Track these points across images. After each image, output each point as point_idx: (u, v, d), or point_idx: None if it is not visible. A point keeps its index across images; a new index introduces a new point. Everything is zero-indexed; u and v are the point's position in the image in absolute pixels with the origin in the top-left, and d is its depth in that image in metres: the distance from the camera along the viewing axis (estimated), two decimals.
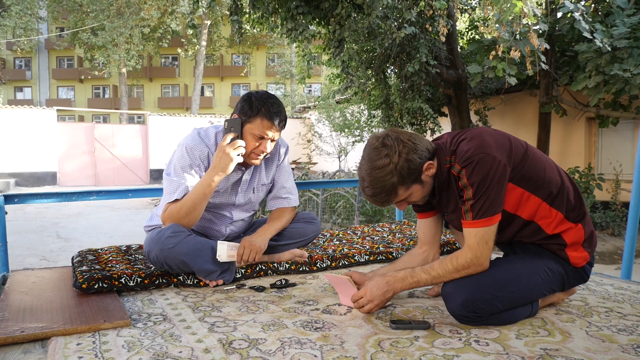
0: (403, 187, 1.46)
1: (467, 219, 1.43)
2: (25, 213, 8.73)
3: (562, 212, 1.48)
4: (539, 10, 4.83)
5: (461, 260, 1.43)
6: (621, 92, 5.25)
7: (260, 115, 1.84)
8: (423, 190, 1.51)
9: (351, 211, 6.55)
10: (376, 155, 1.44)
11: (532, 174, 1.46)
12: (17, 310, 1.53)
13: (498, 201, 1.41)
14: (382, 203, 1.50)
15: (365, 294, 1.51)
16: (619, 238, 5.93)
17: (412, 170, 1.44)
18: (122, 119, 22.19)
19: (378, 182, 1.44)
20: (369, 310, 1.53)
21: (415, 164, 1.44)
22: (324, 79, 19.19)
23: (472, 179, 1.39)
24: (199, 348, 1.28)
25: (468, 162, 1.40)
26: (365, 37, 6.42)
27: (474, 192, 1.40)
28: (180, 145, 1.92)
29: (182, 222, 1.85)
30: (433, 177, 1.51)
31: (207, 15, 21.88)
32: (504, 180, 1.40)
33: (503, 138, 1.47)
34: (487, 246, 1.42)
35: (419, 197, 1.53)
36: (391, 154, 1.42)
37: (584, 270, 1.55)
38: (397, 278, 1.50)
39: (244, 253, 1.86)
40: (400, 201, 1.52)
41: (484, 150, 1.40)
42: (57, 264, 4.70)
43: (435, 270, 1.46)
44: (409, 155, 1.43)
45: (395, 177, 1.43)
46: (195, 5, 6.88)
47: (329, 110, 12.10)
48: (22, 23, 19.25)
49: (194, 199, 1.84)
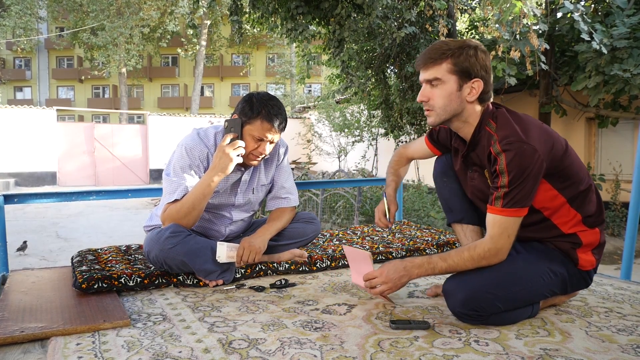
0: (450, 67, 1.43)
1: (496, 206, 1.41)
2: (25, 213, 8.72)
3: (580, 214, 1.48)
4: (539, 10, 4.83)
5: (479, 249, 1.42)
6: (621, 92, 5.25)
7: (260, 117, 1.84)
8: (451, 98, 1.46)
9: (351, 211, 6.55)
10: (460, 40, 1.48)
11: (565, 174, 1.45)
12: (16, 310, 1.53)
13: (530, 195, 1.40)
14: (426, 61, 1.46)
15: (381, 275, 1.48)
16: (618, 238, 5.93)
17: (468, 67, 1.43)
18: (122, 119, 22.17)
19: (441, 43, 1.46)
20: (380, 292, 1.50)
21: (475, 67, 1.43)
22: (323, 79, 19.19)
23: (510, 167, 1.37)
24: (198, 348, 1.28)
25: (510, 148, 1.37)
26: (365, 37, 6.42)
27: (509, 180, 1.37)
28: (180, 146, 1.92)
29: (181, 223, 1.85)
30: (466, 109, 1.48)
31: (207, 15, 21.87)
32: (539, 175, 1.39)
33: (546, 134, 1.45)
34: (508, 239, 1.42)
35: (441, 102, 1.47)
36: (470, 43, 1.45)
37: (588, 274, 1.54)
38: (414, 264, 1.48)
39: (244, 254, 1.86)
40: (432, 80, 1.47)
41: (529, 141, 1.38)
42: (56, 264, 4.71)
43: (452, 259, 1.45)
44: (480, 59, 1.44)
45: (455, 54, 1.43)
46: (195, 5, 6.89)
47: (329, 110, 12.09)
48: (22, 23, 19.24)
49: (194, 199, 1.84)
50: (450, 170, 1.74)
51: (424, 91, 1.50)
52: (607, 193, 6.62)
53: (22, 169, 14.86)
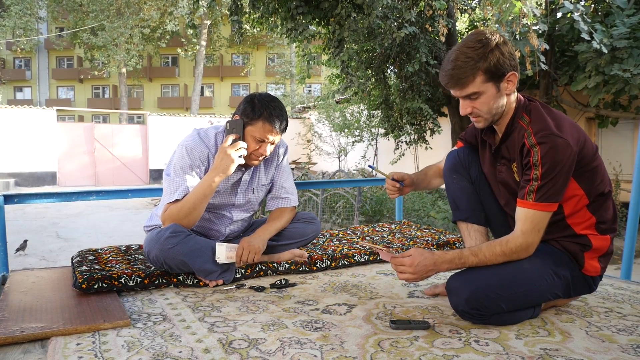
0: (483, 76, 1.41)
1: (529, 199, 1.40)
2: (24, 213, 8.72)
3: (595, 218, 1.48)
4: (539, 10, 4.83)
5: (512, 244, 1.42)
6: (621, 92, 5.25)
7: (262, 118, 1.85)
8: (495, 100, 1.45)
9: (351, 211, 6.55)
10: (474, 37, 1.43)
11: (593, 174, 1.45)
12: (16, 310, 1.53)
13: (562, 190, 1.39)
14: (456, 81, 1.43)
15: (411, 265, 1.44)
16: (618, 238, 5.93)
17: (499, 67, 1.41)
18: (122, 119, 22.18)
19: (463, 57, 1.40)
20: (406, 279, 1.47)
21: (504, 64, 1.41)
22: (323, 79, 19.19)
23: (545, 159, 1.36)
24: (198, 348, 1.28)
25: (545, 140, 1.37)
26: (365, 37, 6.42)
27: (542, 173, 1.37)
28: (180, 146, 1.93)
29: (182, 223, 1.85)
30: (507, 102, 1.47)
31: (207, 15, 21.88)
32: (571, 171, 1.39)
33: (579, 133, 1.44)
34: (538, 234, 1.42)
35: (486, 108, 1.45)
36: (490, 40, 1.41)
37: (593, 280, 1.54)
38: (445, 259, 1.45)
39: (243, 254, 1.86)
40: (470, 95, 1.45)
41: (564, 135, 1.37)
42: (56, 264, 4.70)
43: (483, 253, 1.44)
44: (504, 53, 1.41)
45: (481, 62, 1.40)
46: (195, 5, 6.89)
47: (329, 110, 12.09)
48: (22, 23, 19.24)
49: (195, 200, 1.84)
50: (460, 167, 1.72)
51: (465, 105, 1.48)
52: None
53: (22, 169, 14.87)
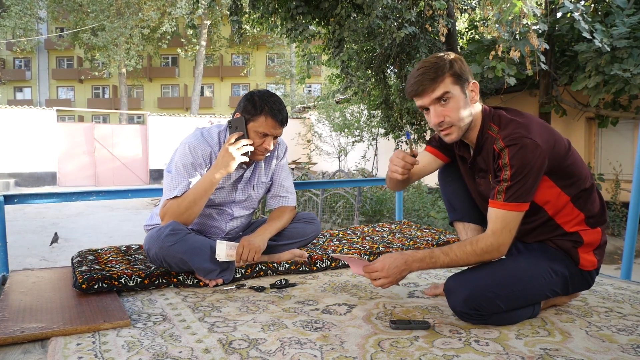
0: (451, 78, 1.45)
1: (498, 200, 1.42)
2: (25, 213, 8.72)
3: (584, 213, 1.49)
4: (539, 10, 4.83)
5: (482, 244, 1.42)
6: (621, 92, 5.25)
7: (263, 113, 1.87)
8: (463, 106, 1.47)
9: (351, 211, 6.54)
10: (432, 56, 1.51)
11: (568, 173, 1.46)
12: (17, 311, 1.53)
13: (532, 190, 1.41)
14: (427, 84, 1.45)
15: (382, 269, 1.46)
16: (618, 238, 5.93)
17: (462, 71, 1.47)
18: (122, 119, 22.17)
19: (429, 64, 1.47)
20: (381, 285, 1.48)
21: (465, 71, 1.48)
22: (323, 79, 19.18)
23: (513, 160, 1.38)
24: (198, 348, 1.28)
25: (513, 143, 1.39)
26: (365, 37, 6.43)
27: (512, 174, 1.39)
28: (183, 144, 1.94)
29: (180, 218, 1.86)
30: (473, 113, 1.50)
31: (207, 15, 21.87)
32: (541, 170, 1.40)
33: (548, 132, 1.46)
34: (510, 234, 1.42)
35: (456, 114, 1.47)
36: (447, 55, 1.49)
37: (590, 275, 1.54)
38: (415, 258, 1.47)
39: (243, 252, 1.86)
40: (442, 96, 1.45)
41: (531, 136, 1.39)
42: (56, 264, 4.70)
43: (454, 252, 1.45)
44: (463, 63, 1.49)
45: (447, 65, 1.45)
46: (195, 6, 6.89)
47: (329, 110, 12.09)
48: (22, 23, 19.22)
49: (195, 195, 1.86)
50: (453, 170, 1.75)
51: (437, 112, 1.48)
52: (607, 193, 6.62)
53: (22, 169, 14.87)
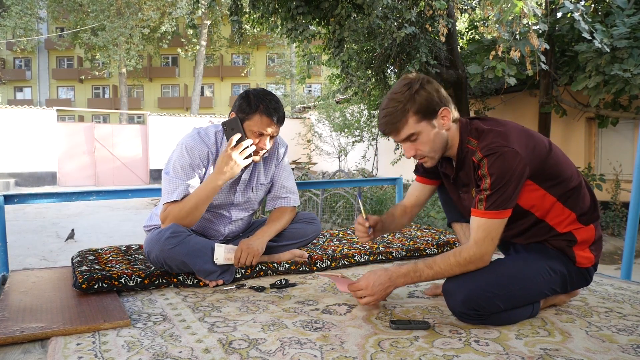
0: (415, 117, 1.44)
1: (479, 208, 1.42)
2: (25, 213, 8.72)
3: (575, 212, 1.49)
4: (539, 10, 4.83)
5: (465, 254, 1.43)
6: (621, 92, 5.25)
7: (258, 112, 1.84)
8: (434, 138, 1.47)
9: (351, 211, 6.54)
10: (400, 83, 1.47)
11: (551, 173, 1.46)
12: (17, 310, 1.53)
13: (513, 197, 1.41)
14: (391, 127, 1.46)
15: (367, 287, 1.49)
16: (618, 238, 5.93)
17: (429, 104, 1.44)
18: (122, 119, 22.17)
19: (393, 103, 1.45)
20: (367, 303, 1.51)
21: (433, 101, 1.44)
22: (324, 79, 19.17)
23: (492, 170, 1.39)
24: (198, 348, 1.28)
25: (491, 153, 1.40)
26: (365, 37, 6.42)
27: (492, 182, 1.39)
28: (180, 145, 1.92)
29: (182, 223, 1.85)
30: (448, 137, 1.49)
31: (207, 15, 21.86)
32: (522, 177, 1.40)
33: (527, 136, 1.46)
34: (492, 242, 1.42)
35: (427, 147, 1.48)
36: (414, 83, 1.45)
37: (588, 272, 1.55)
38: (399, 273, 1.49)
39: (242, 256, 1.86)
40: (409, 138, 1.47)
41: (509, 144, 1.39)
42: (56, 264, 4.70)
43: (438, 265, 1.46)
44: (431, 91, 1.45)
45: (410, 103, 1.43)
46: (195, 5, 6.89)
47: (329, 110, 12.10)
48: (22, 23, 19.22)
49: (197, 201, 1.84)
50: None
51: (408, 148, 1.51)
52: (607, 193, 6.62)
53: (22, 169, 14.87)
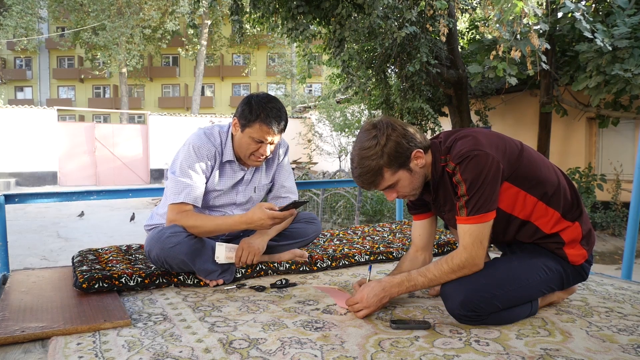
0: (389, 170, 1.45)
1: (462, 215, 1.43)
2: (25, 213, 8.73)
3: (558, 211, 1.49)
4: (540, 10, 4.83)
5: (456, 260, 1.43)
6: (622, 92, 5.25)
7: (259, 120, 1.85)
8: (412, 180, 1.50)
9: (351, 211, 6.55)
10: (366, 136, 1.46)
11: (528, 173, 1.46)
12: (17, 310, 1.53)
13: (492, 198, 1.41)
14: (368, 185, 1.49)
15: (362, 300, 1.50)
16: (619, 238, 5.92)
17: (400, 153, 1.44)
18: (123, 118, 22.18)
19: (365, 162, 1.45)
20: (364, 316, 1.52)
21: (403, 148, 1.44)
22: (324, 78, 19.18)
23: (465, 175, 1.40)
24: (199, 348, 1.28)
25: (462, 159, 1.41)
26: (366, 37, 6.42)
27: (467, 187, 1.40)
28: (187, 144, 1.92)
29: (188, 230, 1.85)
30: (425, 169, 1.51)
31: (208, 15, 21.87)
32: (497, 177, 1.40)
33: (497, 138, 1.48)
34: (481, 246, 1.42)
35: (408, 189, 1.51)
36: (379, 135, 1.44)
37: (583, 268, 1.55)
38: (393, 283, 1.50)
39: (242, 255, 1.86)
40: (388, 187, 1.50)
41: (479, 147, 1.41)
42: (57, 263, 4.71)
43: (432, 272, 1.46)
44: (398, 139, 1.44)
45: (382, 159, 1.43)
46: (195, 5, 6.89)
47: (330, 110, 12.10)
48: (23, 23, 19.24)
49: (215, 228, 1.85)
50: None
51: (389, 194, 1.53)
52: (608, 193, 6.61)
53: (22, 168, 14.87)
